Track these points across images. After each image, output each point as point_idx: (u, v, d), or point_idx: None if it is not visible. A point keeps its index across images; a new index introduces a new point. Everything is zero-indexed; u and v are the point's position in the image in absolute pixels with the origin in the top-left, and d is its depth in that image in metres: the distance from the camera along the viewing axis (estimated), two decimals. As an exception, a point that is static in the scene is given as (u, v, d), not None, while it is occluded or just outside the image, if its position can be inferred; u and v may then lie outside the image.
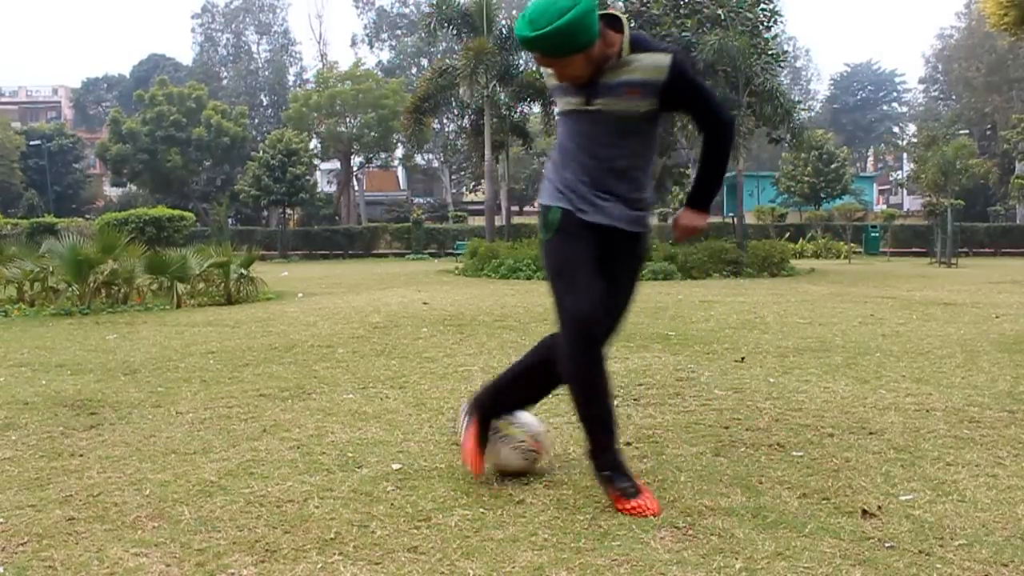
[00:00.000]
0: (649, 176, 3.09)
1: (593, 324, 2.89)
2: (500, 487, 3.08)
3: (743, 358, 6.05)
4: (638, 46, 2.84)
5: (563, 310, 2.92)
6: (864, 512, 2.76)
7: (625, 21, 2.89)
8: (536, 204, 3.01)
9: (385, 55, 64.65)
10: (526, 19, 2.68)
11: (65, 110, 74.19)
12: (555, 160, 3.08)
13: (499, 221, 28.35)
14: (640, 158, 3.01)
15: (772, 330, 7.72)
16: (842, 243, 32.79)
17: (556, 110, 3.06)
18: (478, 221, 40.36)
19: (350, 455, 3.53)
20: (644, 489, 2.87)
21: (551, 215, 2.99)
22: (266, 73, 65.65)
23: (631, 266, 3.11)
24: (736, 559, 2.40)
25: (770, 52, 20.01)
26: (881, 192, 66.65)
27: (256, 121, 59.98)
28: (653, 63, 2.82)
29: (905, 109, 70.08)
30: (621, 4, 19.24)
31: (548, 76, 2.98)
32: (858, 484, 3.07)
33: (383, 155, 52.07)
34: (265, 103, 64.80)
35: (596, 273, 2.93)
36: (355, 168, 52.19)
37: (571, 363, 2.95)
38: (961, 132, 41.30)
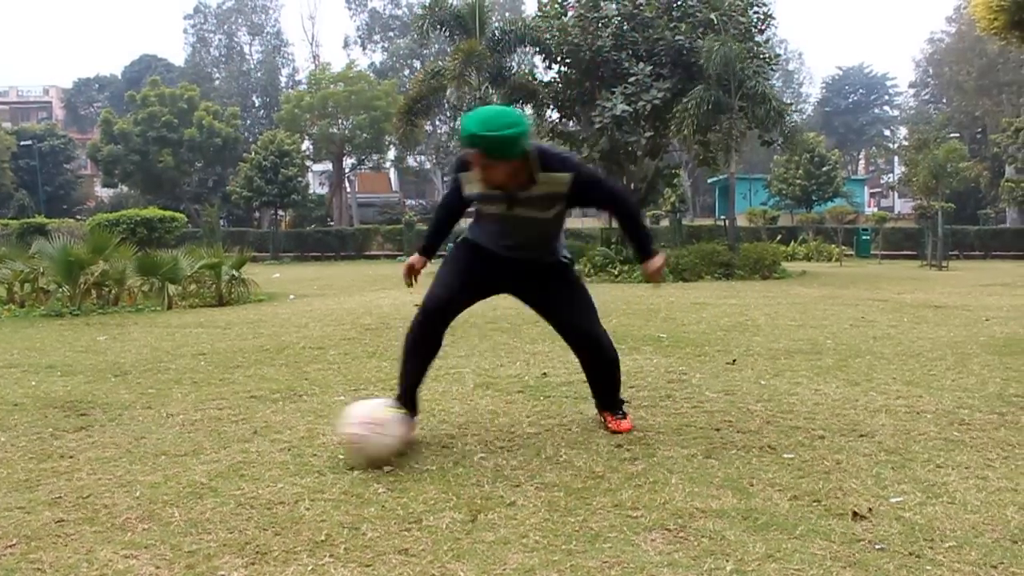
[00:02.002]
0: (558, 240, 3.86)
1: (430, 309, 3.71)
2: (491, 489, 3.08)
3: (734, 360, 6.05)
4: (547, 165, 3.42)
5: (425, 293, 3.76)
6: (855, 514, 2.77)
7: (533, 153, 3.41)
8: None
9: (378, 57, 64.63)
10: (478, 120, 3.27)
11: (56, 110, 73.94)
12: (475, 228, 3.82)
13: (491, 223, 28.28)
14: (547, 238, 3.78)
15: (763, 332, 7.74)
16: (833, 246, 32.86)
17: (477, 207, 3.71)
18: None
19: (341, 457, 3.52)
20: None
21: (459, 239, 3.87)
22: (258, 74, 65.57)
23: (555, 285, 3.86)
24: (727, 561, 2.41)
25: (762, 55, 20.04)
26: (872, 195, 66.85)
27: (248, 122, 59.89)
28: (560, 180, 3.45)
29: (896, 112, 70.28)
30: (614, 6, 19.25)
31: (470, 183, 3.56)
32: (849, 486, 3.08)
33: (375, 157, 52.03)
34: (257, 104, 64.70)
35: (459, 277, 3.74)
36: (347, 170, 52.14)
37: (410, 330, 3.80)
38: (952, 135, 41.35)
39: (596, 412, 4.10)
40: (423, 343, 3.76)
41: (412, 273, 3.90)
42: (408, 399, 3.76)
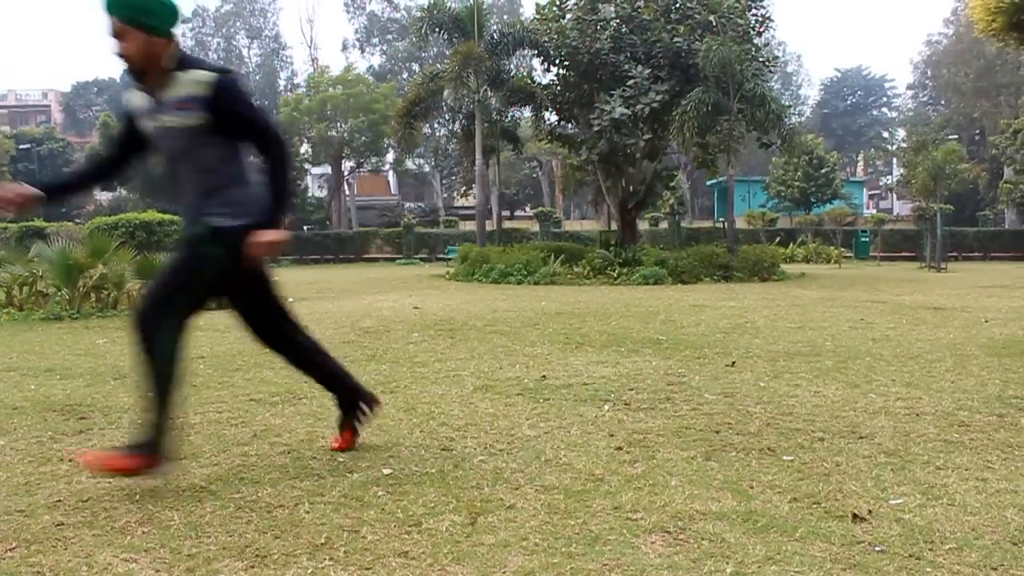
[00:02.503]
0: (228, 185, 3.22)
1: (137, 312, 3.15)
2: (491, 492, 3.08)
3: (734, 362, 6.06)
4: (189, 63, 3.10)
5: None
6: (854, 516, 2.77)
7: (177, 42, 3.11)
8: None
9: (376, 60, 64.74)
10: None
11: (55, 114, 73.96)
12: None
13: (490, 226, 28.34)
14: (207, 171, 3.20)
15: (763, 334, 7.74)
16: (832, 247, 32.86)
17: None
18: (469, 226, 40.32)
19: (340, 460, 3.52)
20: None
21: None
22: (257, 77, 65.55)
23: (238, 272, 3.24)
24: (727, 563, 2.41)
25: (761, 57, 20.07)
26: (871, 197, 66.87)
27: (247, 125, 59.79)
28: (198, 80, 3.07)
29: (895, 114, 70.31)
30: (612, 9, 19.27)
31: (132, 97, 3.22)
32: (848, 488, 3.08)
33: (374, 160, 51.98)
34: (256, 107, 64.66)
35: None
36: (346, 173, 52.10)
37: None
38: (950, 137, 41.42)
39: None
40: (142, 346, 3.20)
41: (10, 202, 3.18)
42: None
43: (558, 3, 20.82)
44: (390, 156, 53.45)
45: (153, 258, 12.28)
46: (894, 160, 52.81)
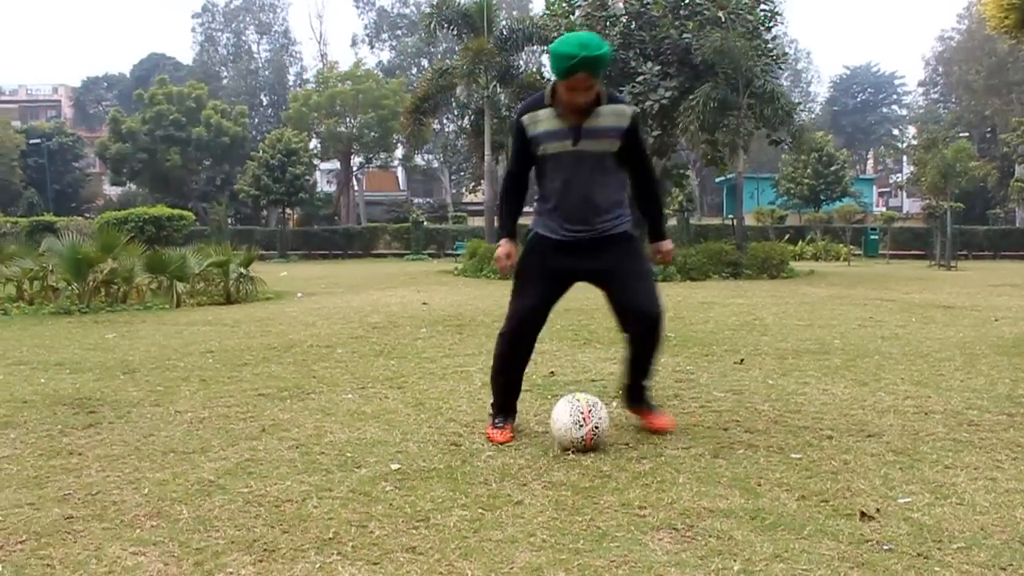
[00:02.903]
0: (619, 201, 3.78)
1: (517, 328, 3.82)
2: (499, 487, 3.08)
3: (742, 360, 6.05)
4: (610, 98, 3.64)
5: (509, 308, 3.86)
6: (863, 514, 2.76)
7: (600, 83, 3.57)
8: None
9: (385, 55, 64.69)
10: (578, 43, 3.38)
11: (65, 109, 74.14)
12: (540, 202, 3.84)
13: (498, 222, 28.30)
14: (609, 188, 3.72)
15: (771, 332, 7.72)
16: (841, 245, 32.80)
17: (539, 155, 3.70)
18: (477, 222, 40.36)
19: (349, 455, 3.53)
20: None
21: (527, 237, 3.86)
22: (266, 73, 65.64)
23: (628, 259, 3.78)
24: (735, 561, 2.40)
25: (770, 54, 19.99)
26: (881, 194, 66.64)
27: (256, 121, 59.95)
28: (619, 111, 3.64)
29: (905, 111, 70.06)
30: (621, 6, 19.23)
31: (536, 123, 3.64)
32: (857, 486, 3.07)
33: (383, 155, 52.04)
34: (265, 103, 64.77)
35: (542, 283, 3.80)
36: (355, 168, 52.17)
37: (501, 345, 3.91)
38: (961, 135, 41.23)
39: (629, 411, 4.08)
40: (516, 356, 3.89)
41: (509, 262, 3.85)
42: (507, 410, 3.96)
43: (567, -1, 20.78)
44: (399, 152, 53.50)
45: (162, 253, 12.33)
46: (904, 158, 52.51)
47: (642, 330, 3.81)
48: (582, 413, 3.54)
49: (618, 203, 3.77)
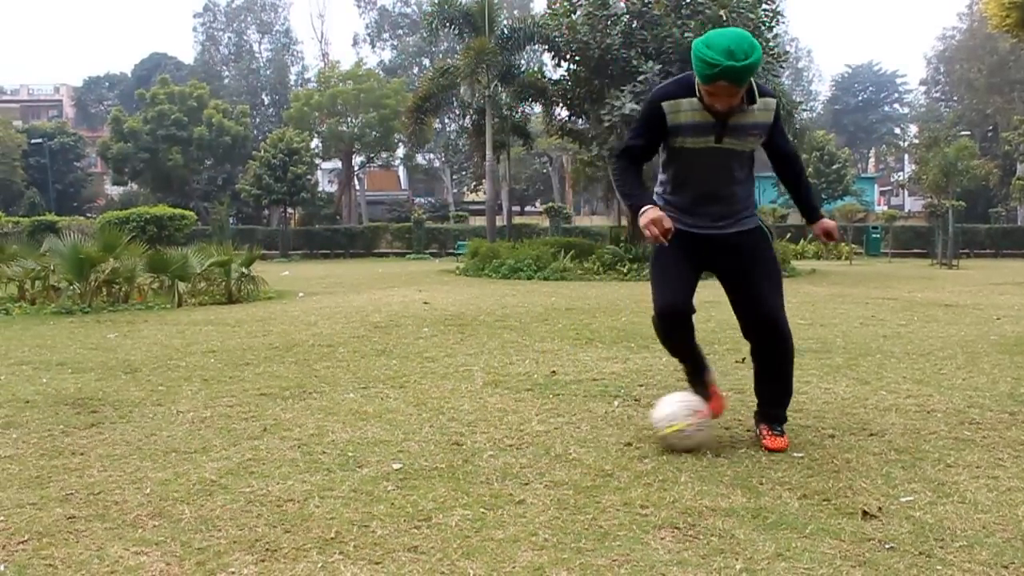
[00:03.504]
0: (750, 196, 3.68)
1: (673, 314, 3.54)
2: (500, 487, 3.08)
3: (744, 359, 6.03)
4: (758, 91, 3.39)
5: (654, 302, 3.59)
6: (865, 513, 2.76)
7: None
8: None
9: (387, 55, 64.66)
10: (722, 50, 3.11)
11: (67, 108, 74.17)
12: (663, 193, 3.66)
13: (500, 221, 28.37)
14: (743, 185, 3.61)
15: (773, 331, 7.71)
16: (843, 244, 32.79)
17: (676, 147, 3.48)
18: (479, 221, 40.38)
19: (351, 454, 3.53)
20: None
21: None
22: (267, 72, 65.64)
23: (758, 252, 3.62)
24: (736, 560, 2.40)
25: (772, 53, 19.98)
26: (882, 193, 66.61)
27: (257, 120, 59.97)
28: (766, 105, 3.42)
29: (906, 110, 70.02)
30: (623, 5, 19.22)
31: (679, 112, 3.38)
32: (859, 485, 3.07)
33: (384, 155, 52.06)
34: (266, 102, 64.78)
35: (687, 270, 3.57)
36: (356, 168, 52.18)
37: (662, 341, 3.78)
38: (962, 133, 41.24)
39: (754, 423, 3.81)
40: (680, 340, 3.71)
41: (666, 229, 3.36)
42: (698, 373, 3.87)
43: (569, -2, 20.77)
44: (400, 151, 53.51)
45: (164, 252, 12.34)
46: (906, 156, 52.53)
47: (764, 333, 3.64)
48: (695, 409, 3.56)
49: (749, 196, 3.65)
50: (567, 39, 19.48)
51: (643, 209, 3.39)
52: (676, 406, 3.57)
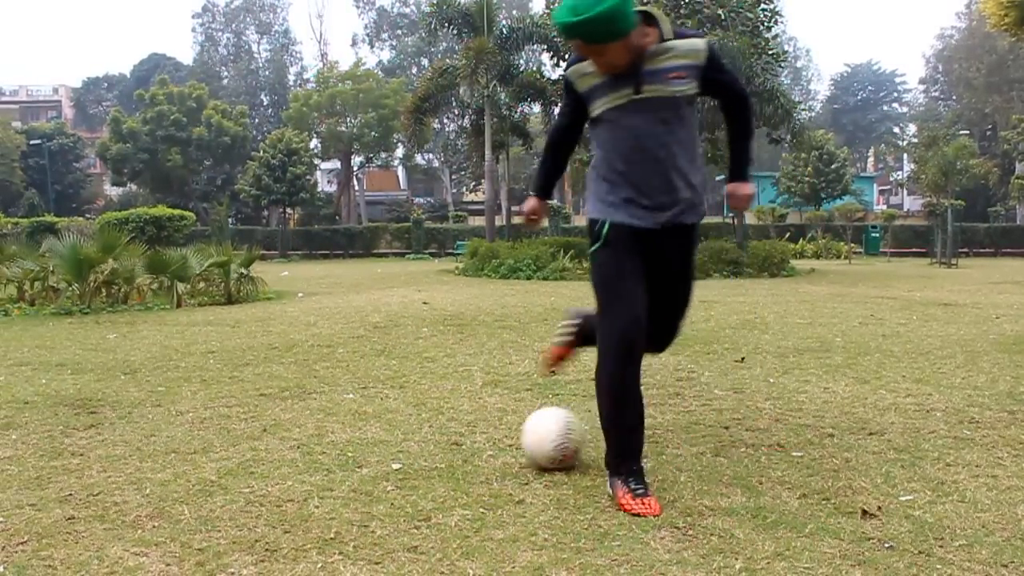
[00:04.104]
0: (698, 168, 3.13)
1: (631, 341, 2.95)
2: (500, 487, 3.08)
3: (743, 358, 6.04)
4: (676, 34, 2.99)
5: (604, 323, 3.02)
6: (864, 512, 2.76)
7: (660, 15, 3.00)
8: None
9: (386, 55, 64.71)
10: (567, 6, 2.75)
11: (66, 109, 74.15)
12: (598, 171, 3.14)
13: (499, 221, 28.35)
14: (685, 146, 3.06)
15: (772, 330, 7.72)
16: (842, 243, 32.79)
17: (595, 114, 3.09)
18: (478, 221, 40.35)
19: (350, 455, 3.53)
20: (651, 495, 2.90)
21: (598, 228, 3.08)
22: (266, 73, 65.63)
23: (683, 258, 3.19)
24: (736, 559, 2.40)
25: (770, 52, 19.99)
26: (881, 192, 66.62)
27: (256, 121, 59.97)
28: (691, 47, 2.97)
29: (905, 109, 70.07)
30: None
31: (584, 77, 3.05)
32: (858, 484, 3.07)
33: (383, 155, 52.08)
34: (265, 103, 64.78)
35: (639, 284, 3.02)
36: (355, 168, 52.19)
37: (605, 373, 3.01)
38: (961, 132, 41.20)
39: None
40: (634, 377, 3.00)
41: (535, 220, 3.33)
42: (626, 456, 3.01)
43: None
44: (399, 151, 53.53)
45: (163, 253, 12.34)
46: (905, 156, 52.53)
47: (655, 345, 3.28)
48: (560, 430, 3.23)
49: (699, 170, 3.13)
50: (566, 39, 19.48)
51: (529, 199, 3.37)
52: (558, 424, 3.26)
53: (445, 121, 49.62)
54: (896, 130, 67.61)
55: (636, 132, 3.00)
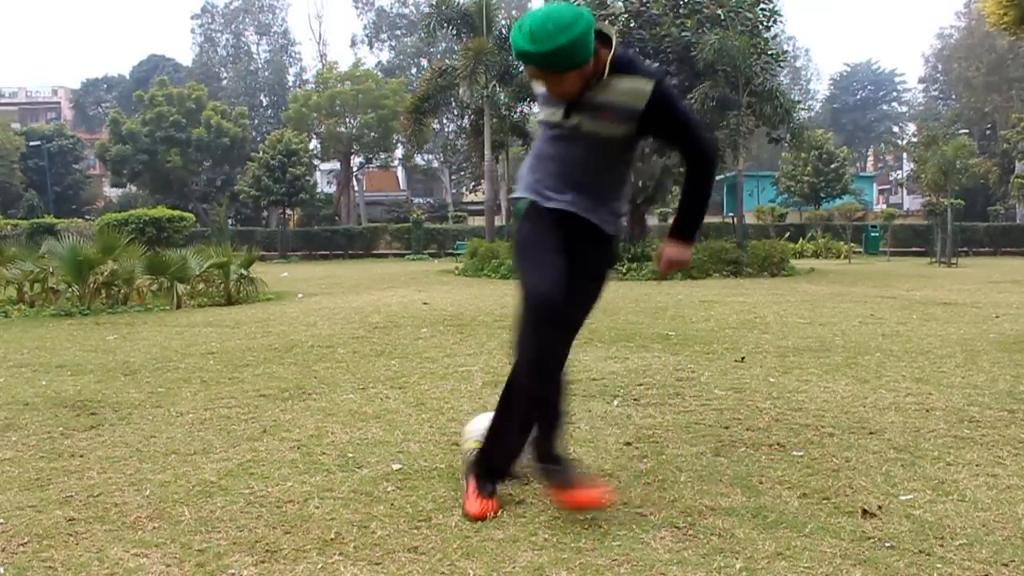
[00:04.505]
0: (621, 196, 3.02)
1: (552, 303, 2.78)
2: (500, 487, 3.07)
3: (743, 358, 6.04)
4: (624, 67, 2.74)
5: (524, 289, 2.84)
6: (864, 512, 2.76)
7: (615, 39, 2.78)
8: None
9: (385, 55, 64.68)
10: (524, 31, 2.58)
11: (65, 111, 74.16)
12: (529, 164, 3.05)
13: (499, 221, 28.37)
14: (610, 185, 2.95)
15: (772, 330, 7.72)
16: (842, 243, 32.77)
17: (538, 117, 2.96)
18: (478, 221, 40.37)
19: (350, 455, 3.53)
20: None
21: (519, 204, 2.99)
22: (266, 73, 65.63)
23: (597, 266, 3.03)
24: (736, 559, 2.40)
25: (770, 52, 19.99)
26: (881, 192, 66.65)
27: (256, 122, 59.95)
28: (633, 88, 2.73)
29: (905, 109, 70.12)
30: (621, 4, 19.23)
31: (535, 80, 2.86)
32: (858, 484, 3.07)
33: (383, 155, 52.05)
34: (265, 103, 64.78)
35: (559, 254, 2.86)
36: (355, 168, 52.17)
37: (525, 342, 2.87)
38: (961, 132, 41.18)
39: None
40: (552, 350, 2.97)
41: None
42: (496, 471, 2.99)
43: (567, -2, 20.78)
44: (399, 152, 53.51)
45: (162, 254, 12.34)
46: (904, 155, 52.55)
47: None
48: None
49: (622, 198, 3.03)
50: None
51: None
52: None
53: (444, 121, 49.68)
54: (896, 129, 67.67)
55: (563, 153, 2.90)
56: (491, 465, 2.96)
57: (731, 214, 34.62)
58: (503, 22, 25.52)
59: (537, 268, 2.83)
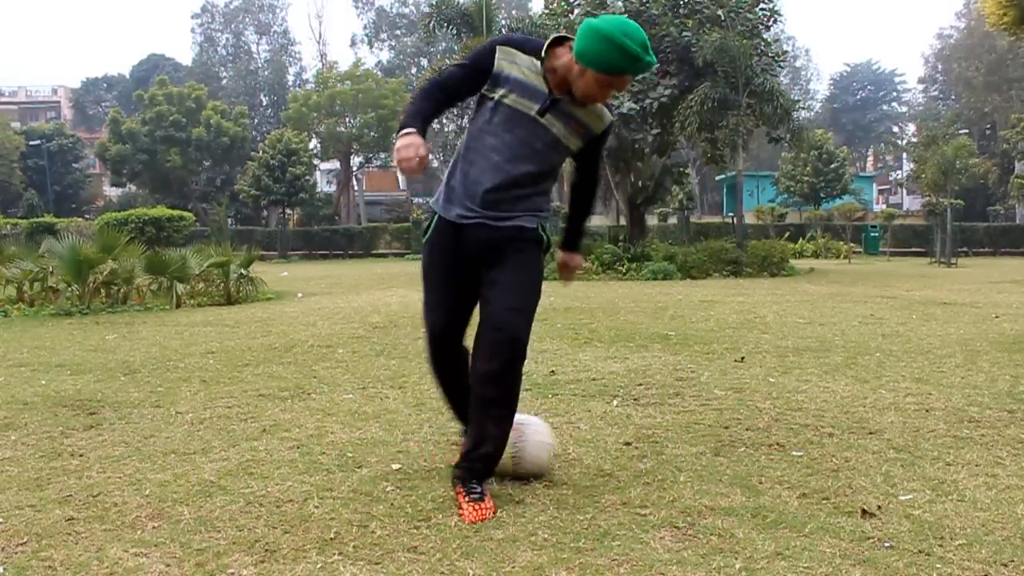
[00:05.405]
0: (542, 206, 3.14)
1: (439, 337, 3.17)
2: (500, 487, 3.08)
3: (743, 358, 6.04)
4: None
5: (424, 318, 3.23)
6: (864, 512, 2.76)
7: None
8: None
9: (385, 55, 64.71)
10: (639, 43, 2.78)
11: (65, 110, 74.14)
12: (458, 165, 3.12)
13: (499, 221, 28.32)
14: (540, 179, 3.11)
15: (772, 330, 7.72)
16: (842, 243, 32.76)
17: (496, 97, 3.00)
18: (478, 221, 40.31)
19: (350, 455, 3.53)
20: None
21: (426, 224, 3.21)
22: (266, 73, 65.64)
23: (516, 262, 3.04)
24: (736, 559, 2.40)
25: (770, 52, 20.00)
26: (881, 192, 66.63)
27: (256, 121, 59.95)
28: (601, 114, 3.06)
29: (905, 109, 70.11)
30: (621, 4, 19.21)
31: (512, 64, 2.98)
32: (858, 484, 3.07)
33: (383, 155, 52.03)
34: (265, 103, 64.79)
35: (449, 288, 3.14)
36: (355, 168, 52.16)
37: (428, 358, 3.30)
38: (961, 132, 41.18)
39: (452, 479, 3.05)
40: (446, 371, 3.27)
41: (417, 158, 2.78)
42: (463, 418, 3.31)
43: (567, -2, 20.77)
44: (398, 151, 53.42)
45: (162, 253, 12.33)
46: (904, 155, 52.56)
47: (496, 352, 2.94)
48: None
49: (542, 197, 3.14)
50: (565, 39, 19.48)
51: (404, 130, 2.85)
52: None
53: (445, 121, 49.62)
54: (895, 129, 67.66)
55: (512, 143, 2.99)
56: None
57: (731, 214, 34.63)
58: (503, 22, 25.52)
59: (429, 301, 3.19)
